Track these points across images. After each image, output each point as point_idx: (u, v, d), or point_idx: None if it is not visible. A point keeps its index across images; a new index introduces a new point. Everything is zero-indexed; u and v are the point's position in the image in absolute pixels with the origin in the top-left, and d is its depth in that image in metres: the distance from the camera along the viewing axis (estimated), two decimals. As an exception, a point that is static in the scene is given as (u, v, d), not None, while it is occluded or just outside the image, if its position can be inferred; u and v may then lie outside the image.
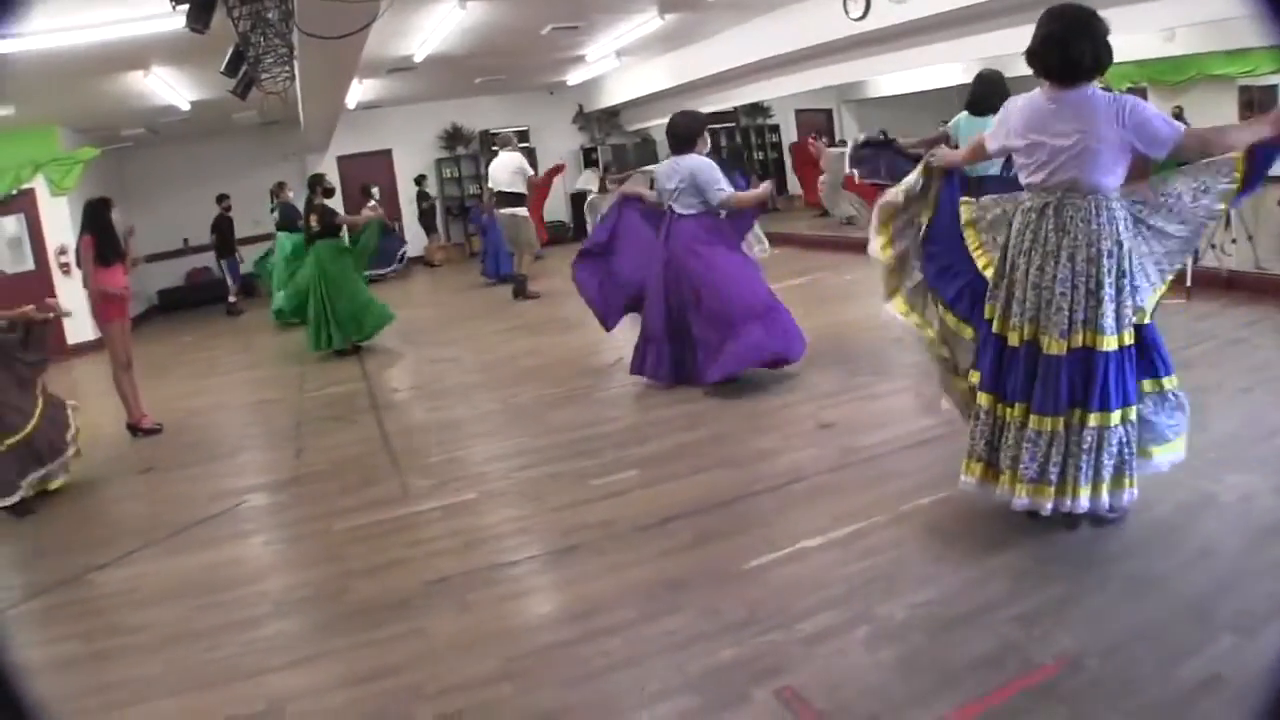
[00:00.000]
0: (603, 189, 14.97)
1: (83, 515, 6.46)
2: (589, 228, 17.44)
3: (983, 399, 4.27)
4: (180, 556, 5.47)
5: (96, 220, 8.06)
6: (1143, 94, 19.20)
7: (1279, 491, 4.19)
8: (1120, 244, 3.93)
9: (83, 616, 4.83)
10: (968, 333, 4.51)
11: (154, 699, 3.88)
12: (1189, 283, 8.13)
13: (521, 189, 13.44)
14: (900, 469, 5.37)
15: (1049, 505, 4.06)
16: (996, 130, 4.30)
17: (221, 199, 16.89)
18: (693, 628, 3.86)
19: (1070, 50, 3.89)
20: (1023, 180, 4.19)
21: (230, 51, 8.74)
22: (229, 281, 17.04)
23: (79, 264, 8.30)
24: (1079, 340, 3.97)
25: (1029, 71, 4.10)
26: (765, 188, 7.57)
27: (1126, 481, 4.04)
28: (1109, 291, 3.91)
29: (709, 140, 7.57)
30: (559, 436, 6.79)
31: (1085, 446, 3.97)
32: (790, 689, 3.33)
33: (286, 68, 9.34)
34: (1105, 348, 3.93)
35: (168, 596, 4.90)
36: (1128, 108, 3.85)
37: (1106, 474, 4.00)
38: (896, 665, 3.44)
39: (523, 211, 13.48)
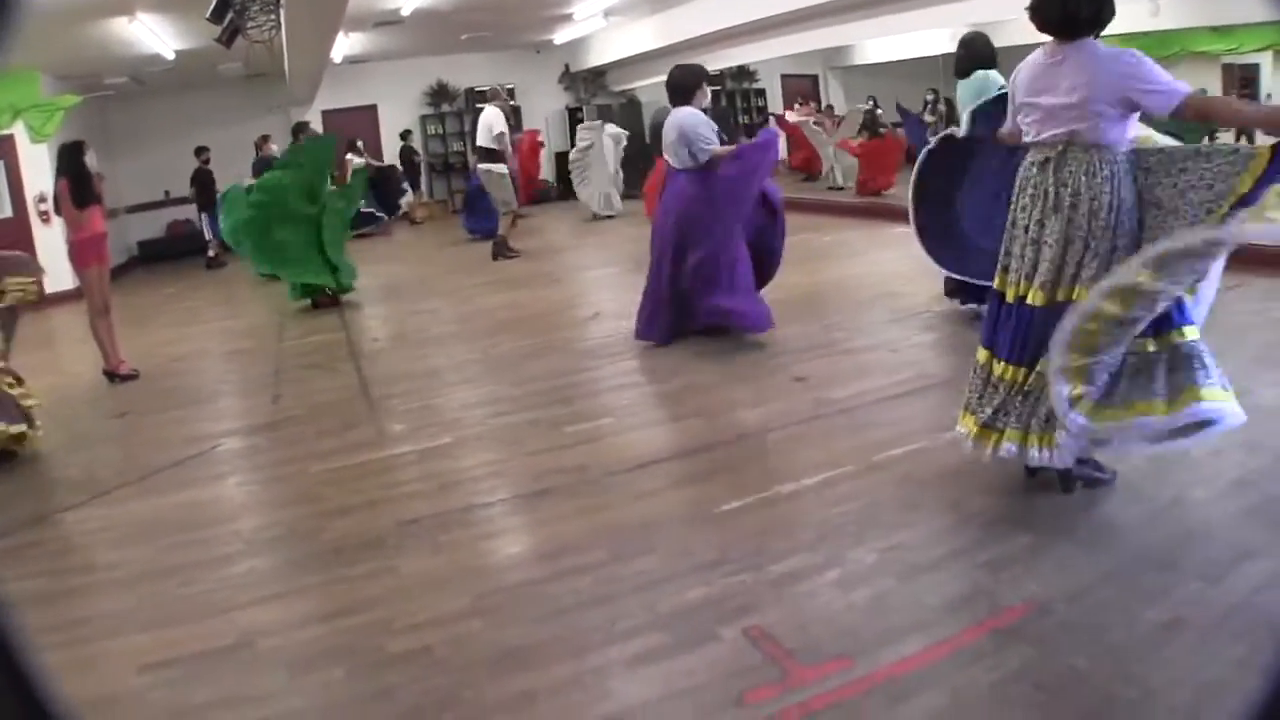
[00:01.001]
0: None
1: (56, 457, 6.43)
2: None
3: (980, 354, 4.28)
4: (154, 497, 5.45)
5: (71, 163, 7.99)
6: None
7: (1246, 446, 4.21)
8: (1125, 200, 3.88)
9: (55, 555, 4.82)
10: None
11: (124, 633, 3.87)
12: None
13: (497, 145, 13.19)
14: (874, 421, 5.39)
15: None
16: (1010, 96, 4.29)
17: (200, 151, 16.76)
18: (663, 568, 3.87)
19: (1068, 3, 3.88)
20: (1026, 139, 4.17)
21: (216, -4, 8.67)
22: (208, 235, 16.93)
23: (57, 210, 8.23)
24: (1060, 295, 3.94)
25: (1016, 40, 4.08)
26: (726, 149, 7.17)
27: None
28: (1104, 245, 3.87)
29: (709, 94, 7.46)
30: (535, 385, 6.80)
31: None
32: (759, 628, 3.35)
33: (273, 16, 9.29)
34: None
35: (141, 535, 4.89)
36: (1125, 58, 3.83)
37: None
38: (866, 607, 3.46)
39: (499, 168, 13.23)
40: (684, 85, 7.29)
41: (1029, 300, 4.01)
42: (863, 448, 4.94)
